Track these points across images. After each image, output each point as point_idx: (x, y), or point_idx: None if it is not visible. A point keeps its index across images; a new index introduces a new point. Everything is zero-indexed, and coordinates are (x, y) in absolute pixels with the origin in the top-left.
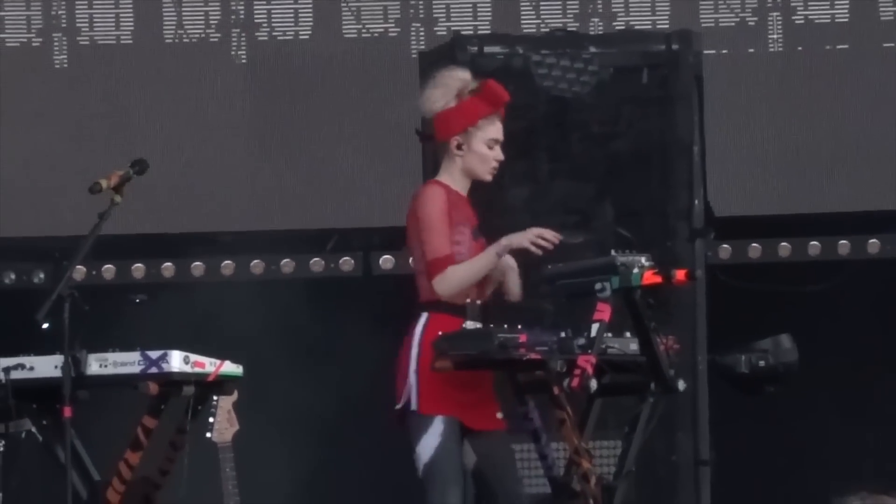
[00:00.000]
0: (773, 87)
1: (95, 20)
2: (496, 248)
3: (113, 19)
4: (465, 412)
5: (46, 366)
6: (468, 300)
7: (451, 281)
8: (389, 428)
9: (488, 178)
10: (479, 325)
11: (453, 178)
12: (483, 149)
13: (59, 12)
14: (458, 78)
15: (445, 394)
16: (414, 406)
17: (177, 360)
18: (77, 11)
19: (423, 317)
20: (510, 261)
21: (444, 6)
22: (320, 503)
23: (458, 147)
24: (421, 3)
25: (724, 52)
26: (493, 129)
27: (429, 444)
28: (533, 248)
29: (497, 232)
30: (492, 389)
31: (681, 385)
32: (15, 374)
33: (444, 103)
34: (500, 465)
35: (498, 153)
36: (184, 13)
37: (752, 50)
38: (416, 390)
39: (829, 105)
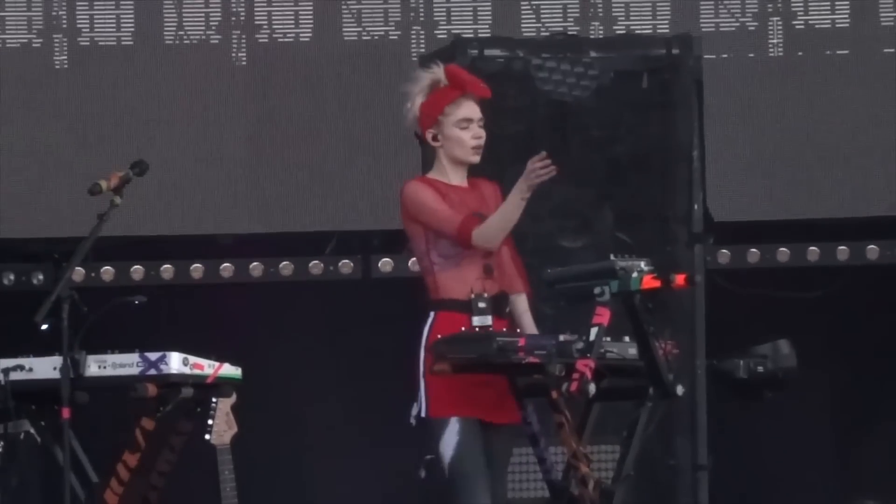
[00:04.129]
0: (773, 92)
1: (96, 21)
2: (520, 194)
3: (114, 20)
4: (482, 409)
5: (45, 367)
6: (472, 294)
7: (488, 234)
8: (388, 431)
9: (474, 159)
10: (487, 319)
11: (442, 171)
12: (455, 132)
13: (60, 13)
14: (422, 79)
15: (459, 393)
16: (423, 412)
17: (175, 362)
18: (78, 12)
19: (430, 317)
20: (522, 306)
21: (444, 9)
22: None
23: (434, 139)
24: (421, 5)
25: (724, 56)
26: (462, 110)
27: (449, 443)
28: (539, 181)
29: None
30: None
31: (679, 390)
32: (14, 376)
33: (418, 106)
34: (494, 463)
35: (475, 131)
36: (184, 15)
37: (752, 55)
38: (425, 394)
39: (829, 110)
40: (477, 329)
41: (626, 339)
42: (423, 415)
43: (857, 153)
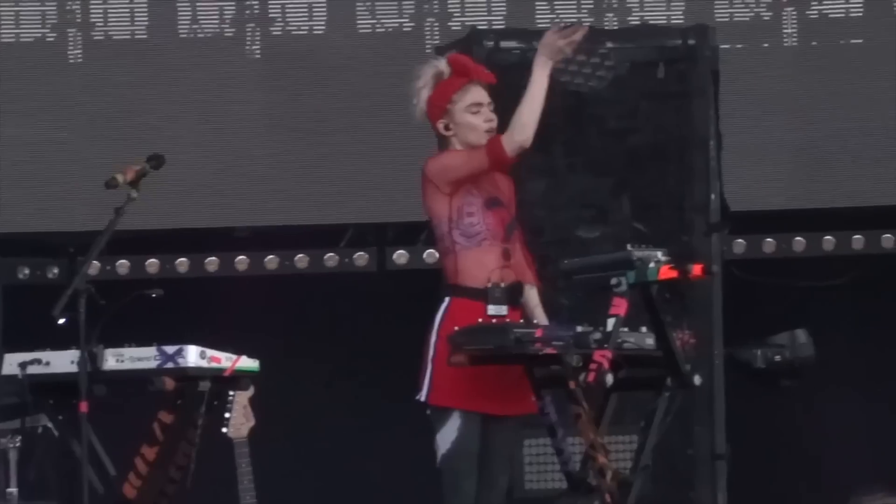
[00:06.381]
0: (787, 82)
1: (110, 15)
2: (544, 69)
3: (127, 14)
4: (486, 402)
5: (63, 361)
6: (490, 283)
7: (519, 124)
8: (404, 422)
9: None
10: (502, 308)
11: None
12: (467, 118)
13: (74, 7)
14: (425, 73)
15: (465, 384)
16: (424, 396)
17: (193, 355)
18: (91, 6)
19: (444, 302)
20: (535, 299)
21: (458, 1)
22: (335, 498)
23: (446, 128)
24: None
25: (738, 46)
26: (470, 96)
27: (446, 437)
28: (571, 50)
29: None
30: (521, 373)
31: (697, 380)
32: (31, 370)
33: (425, 100)
34: (490, 450)
35: (486, 115)
36: (198, 8)
37: (766, 44)
38: (429, 379)
39: (844, 99)
40: (492, 319)
41: (644, 329)
42: (423, 399)
43: (871, 143)
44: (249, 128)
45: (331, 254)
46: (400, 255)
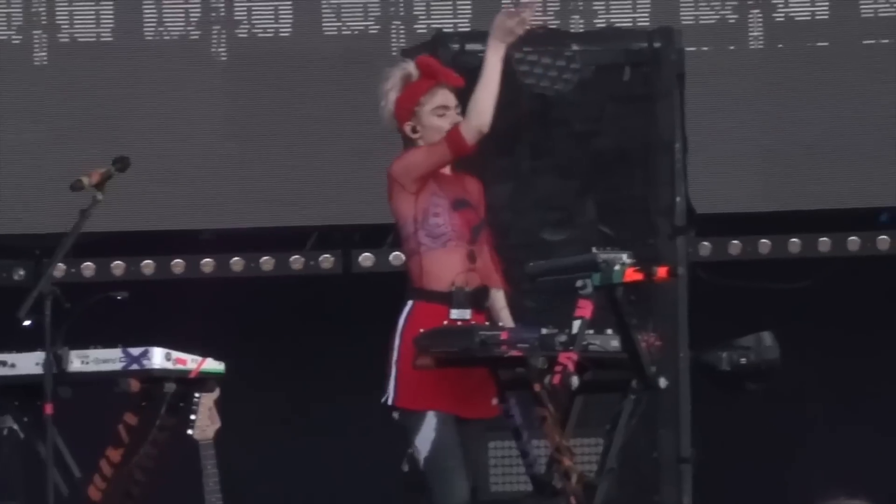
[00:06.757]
0: (753, 84)
1: (76, 17)
2: (497, 51)
3: (93, 16)
4: (455, 404)
5: (28, 363)
6: (454, 287)
7: (476, 110)
8: (370, 425)
9: None
10: (466, 312)
11: None
12: (434, 120)
13: (40, 9)
14: (393, 76)
15: (434, 386)
16: (390, 400)
17: (158, 357)
18: (57, 9)
19: (408, 305)
20: (501, 302)
21: (424, 4)
22: (301, 500)
23: (413, 131)
24: (401, 0)
25: (704, 49)
26: (437, 98)
27: (425, 439)
28: (523, 30)
29: None
30: (486, 375)
31: (662, 382)
32: None
33: (393, 101)
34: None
35: (453, 118)
36: (164, 10)
37: (732, 47)
38: (394, 383)
39: (810, 102)
40: (456, 323)
41: (609, 331)
42: (389, 402)
43: (836, 145)
44: (215, 130)
45: (296, 256)
46: (366, 258)
